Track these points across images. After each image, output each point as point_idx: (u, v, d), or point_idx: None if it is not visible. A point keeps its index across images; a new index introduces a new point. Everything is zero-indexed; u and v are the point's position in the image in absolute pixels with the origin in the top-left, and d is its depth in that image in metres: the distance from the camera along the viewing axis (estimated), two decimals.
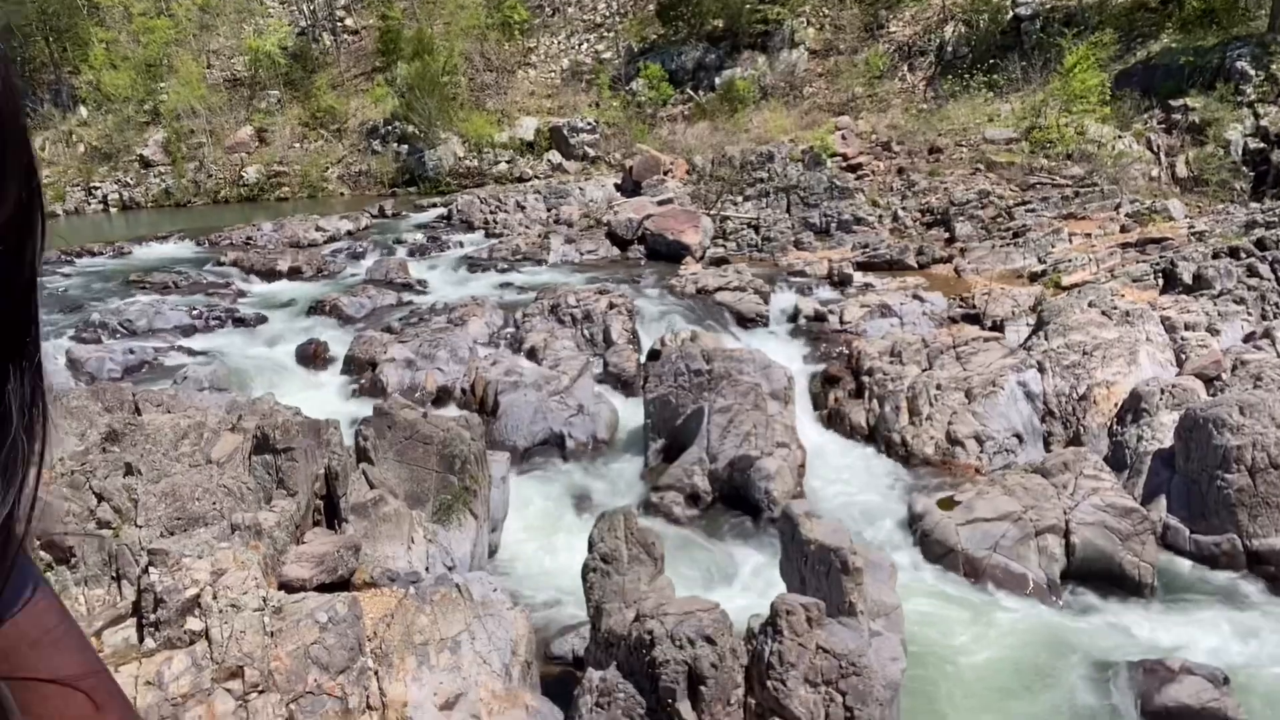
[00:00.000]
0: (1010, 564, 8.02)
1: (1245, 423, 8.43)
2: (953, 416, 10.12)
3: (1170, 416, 9.43)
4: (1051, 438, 10.23)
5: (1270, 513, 8.20)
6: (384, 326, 13.68)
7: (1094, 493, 8.34)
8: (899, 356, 11.00)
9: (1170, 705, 6.48)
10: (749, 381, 9.85)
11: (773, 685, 5.32)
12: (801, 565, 6.81)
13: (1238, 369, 10.43)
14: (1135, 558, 8.02)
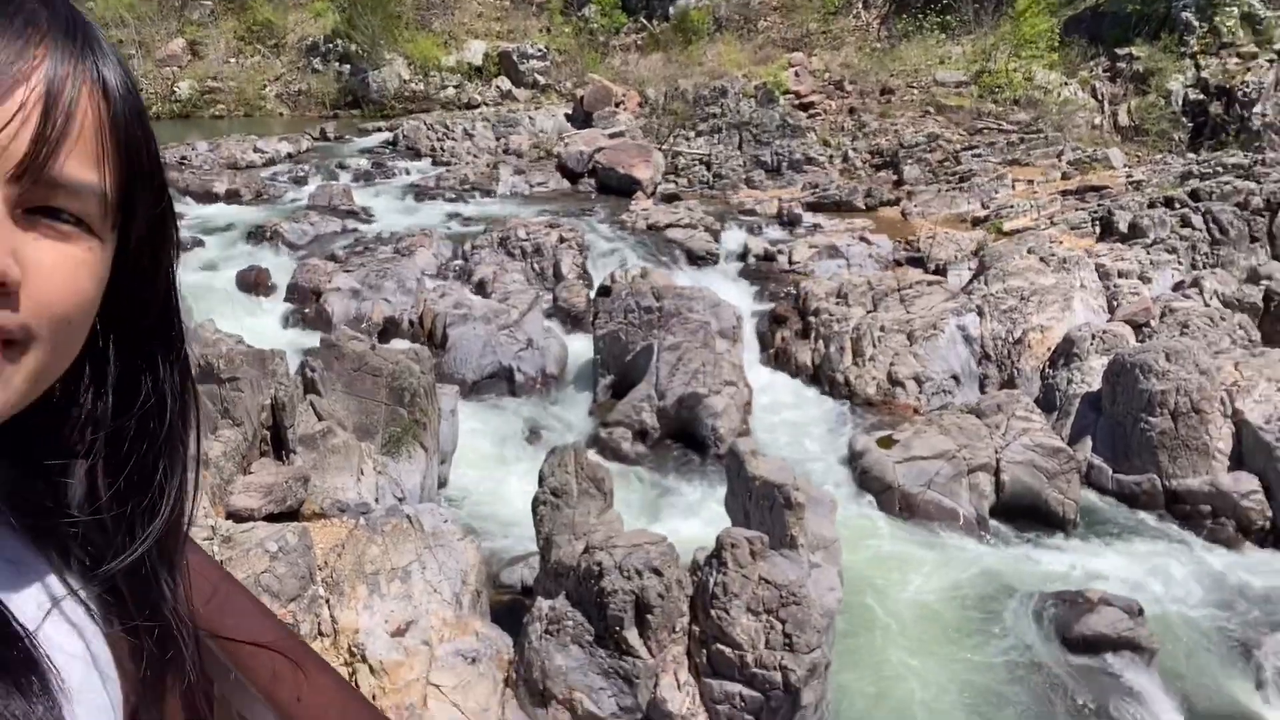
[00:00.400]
0: (943, 500, 8.36)
1: (1170, 369, 8.82)
2: (894, 358, 10.38)
3: (1100, 361, 9.81)
4: (987, 380, 10.58)
5: (1189, 455, 8.65)
6: (328, 255, 13.41)
7: (1024, 433, 8.69)
8: (845, 298, 11.19)
9: (1088, 634, 6.90)
10: (698, 320, 9.95)
11: (716, 614, 5.53)
12: (746, 500, 7.02)
13: (1166, 316, 10.86)
14: (1060, 495, 8.43)
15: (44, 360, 0.54)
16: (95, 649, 0.61)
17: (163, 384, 0.64)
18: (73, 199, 0.54)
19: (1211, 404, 8.72)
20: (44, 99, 0.53)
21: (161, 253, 0.63)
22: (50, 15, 0.55)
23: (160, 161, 0.61)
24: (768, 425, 9.97)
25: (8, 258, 0.51)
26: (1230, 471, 8.57)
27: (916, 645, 7.03)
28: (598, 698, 5.77)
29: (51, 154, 0.52)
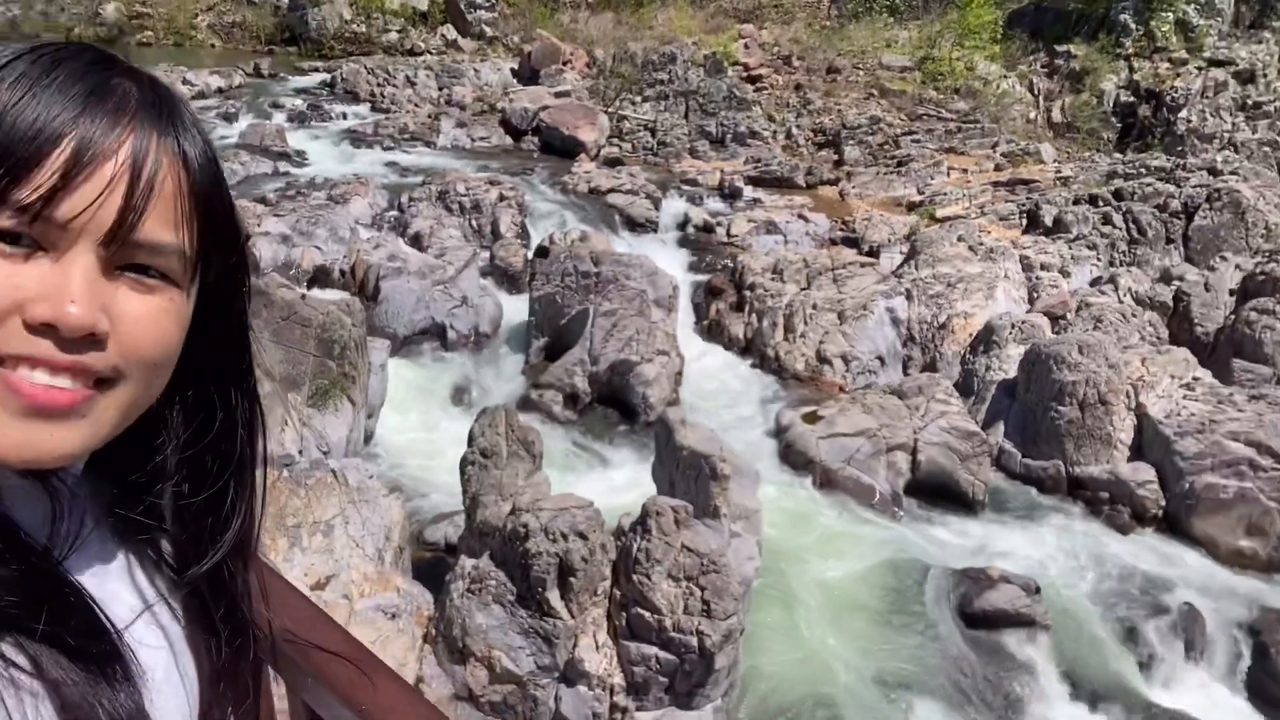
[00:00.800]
0: (861, 476, 8.64)
1: (1082, 361, 9.22)
2: (824, 336, 10.61)
3: (1017, 350, 10.19)
4: (910, 362, 10.89)
5: (1093, 444, 9.09)
6: (258, 197, 13.02)
7: (942, 415, 9.01)
8: (780, 274, 11.36)
9: (987, 609, 7.26)
10: (635, 287, 10.00)
11: (638, 579, 5.66)
12: (673, 469, 7.15)
13: (1082, 310, 11.31)
14: (971, 477, 8.78)
15: (133, 396, 0.62)
16: (178, 649, 0.70)
17: (235, 412, 0.73)
18: (156, 257, 0.61)
19: (1117, 397, 9.16)
20: (130, 171, 0.60)
21: (235, 296, 0.71)
22: (139, 96, 0.63)
23: (236, 218, 0.70)
24: (698, 395, 10.12)
25: (100, 312, 0.58)
26: (1130, 461, 9.04)
27: (826, 614, 7.29)
28: (516, 656, 5.87)
29: (137, 221, 0.60)
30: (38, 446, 0.58)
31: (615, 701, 5.71)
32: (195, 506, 0.73)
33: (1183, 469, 8.78)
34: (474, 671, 5.95)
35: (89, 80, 0.61)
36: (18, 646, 0.56)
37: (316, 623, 0.81)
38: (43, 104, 0.59)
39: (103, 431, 0.62)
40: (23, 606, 0.57)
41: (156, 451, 0.72)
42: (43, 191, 0.57)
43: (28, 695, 0.55)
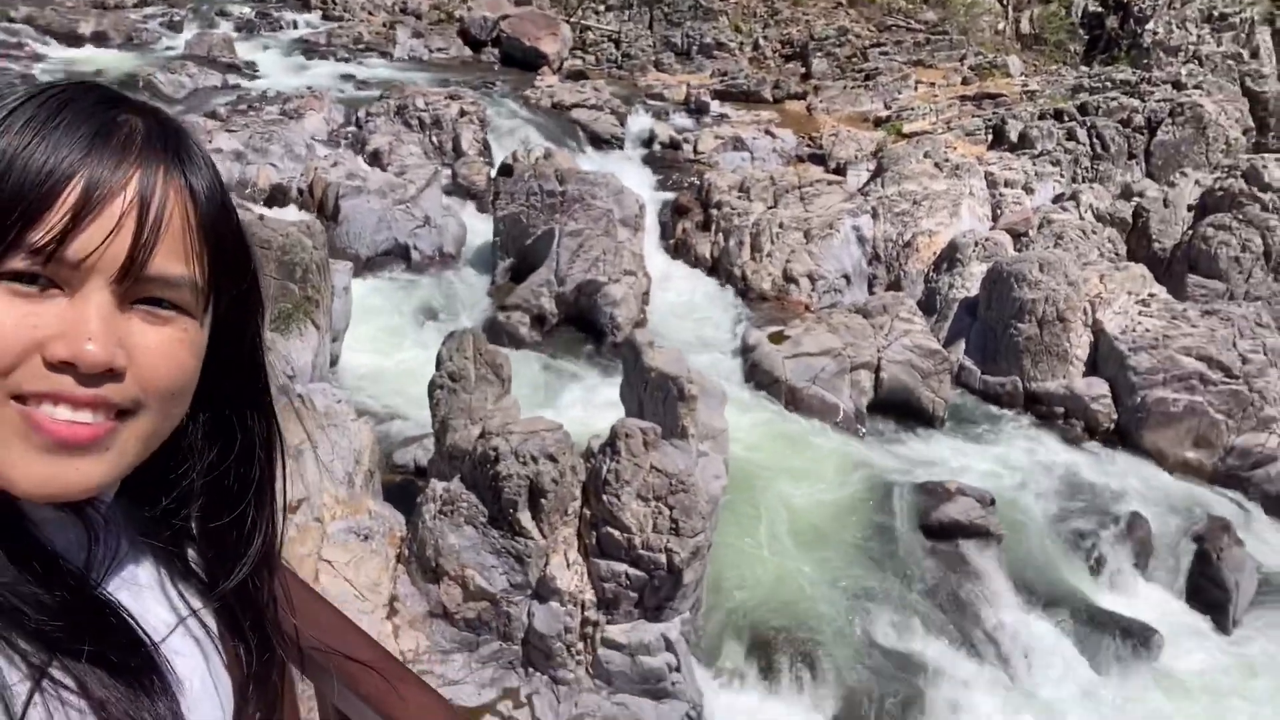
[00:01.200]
0: (826, 395, 8.78)
1: (1042, 279, 9.36)
2: (791, 255, 10.63)
3: (980, 268, 10.30)
4: (875, 280, 10.98)
5: (1050, 360, 9.30)
6: (208, 112, 12.58)
7: (905, 334, 9.14)
8: (747, 192, 11.29)
9: (944, 521, 7.51)
10: (601, 207, 9.89)
11: (608, 500, 5.76)
12: (641, 391, 7.21)
13: (1044, 227, 11.42)
14: (932, 394, 8.97)
15: (153, 426, 0.64)
16: (211, 659, 0.73)
17: (252, 433, 0.75)
18: (168, 289, 0.63)
19: (1075, 314, 9.34)
20: (138, 208, 0.61)
21: (248, 320, 0.72)
22: (145, 133, 0.64)
23: (247, 246, 0.70)
24: (665, 315, 10.15)
25: (117, 347, 0.60)
26: (1085, 377, 9.29)
27: (790, 529, 7.51)
28: (489, 575, 5.99)
29: (148, 257, 0.61)
30: (63, 480, 0.60)
31: (586, 616, 5.88)
32: (221, 526, 0.76)
33: (1135, 383, 9.05)
34: (448, 590, 6.08)
35: (95, 120, 0.62)
36: (64, 668, 0.59)
37: (344, 632, 0.84)
38: (51, 146, 0.60)
39: (126, 461, 0.64)
40: (66, 629, 0.60)
41: (182, 476, 0.74)
42: (55, 233, 0.58)
43: (75, 713, 0.58)
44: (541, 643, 5.88)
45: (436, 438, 6.61)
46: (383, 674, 0.83)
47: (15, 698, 0.56)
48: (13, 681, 0.57)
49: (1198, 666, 7.22)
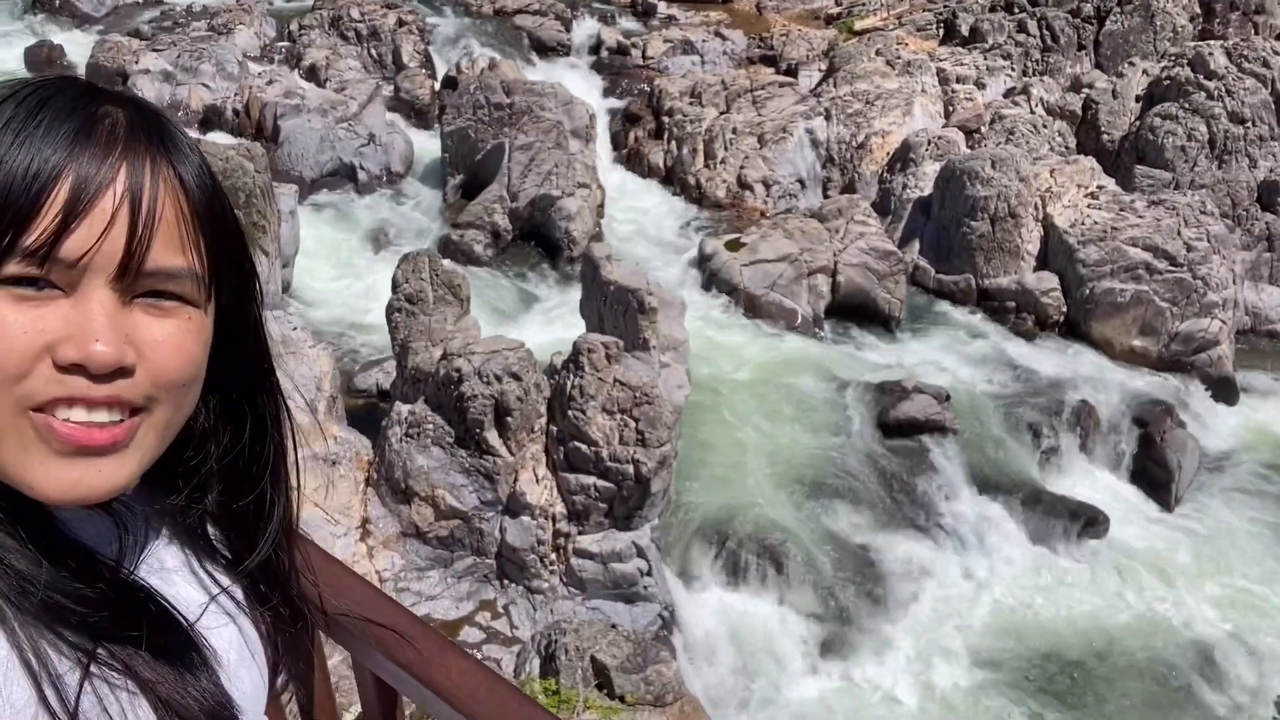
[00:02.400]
0: (784, 301, 8.85)
1: (994, 175, 9.41)
2: (745, 161, 10.53)
3: (933, 167, 10.31)
4: (830, 183, 10.95)
5: (1001, 256, 9.43)
6: (131, 30, 11.95)
7: (861, 237, 9.18)
8: (699, 98, 11.09)
9: (902, 419, 7.72)
10: (551, 118, 9.67)
11: (573, 415, 5.81)
12: (601, 305, 7.21)
13: (995, 123, 11.41)
14: (888, 295, 9.08)
15: (167, 418, 0.64)
16: (246, 632, 0.75)
17: (263, 416, 0.76)
18: (169, 282, 0.62)
19: (1026, 209, 9.44)
20: (129, 202, 0.60)
21: (249, 305, 0.72)
22: (128, 125, 0.63)
23: (241, 232, 0.70)
24: (621, 227, 10.06)
25: (125, 344, 0.60)
26: (1035, 271, 9.44)
27: (753, 433, 7.66)
28: (460, 493, 6.06)
29: (145, 251, 0.60)
30: (88, 485, 0.61)
31: (558, 529, 6.00)
32: (242, 507, 0.77)
33: (1084, 275, 9.23)
34: (419, 510, 6.15)
35: (76, 116, 0.61)
36: (111, 655, 0.61)
37: (373, 599, 0.87)
38: (34, 147, 0.59)
39: (146, 456, 0.64)
40: (108, 618, 0.61)
41: (200, 462, 0.75)
42: (47, 235, 0.58)
43: (125, 694, 0.61)
44: (515, 556, 6.00)
45: (398, 361, 6.57)
46: (418, 641, 0.86)
47: (67, 687, 0.58)
48: (63, 671, 0.58)
49: (1143, 543, 7.61)
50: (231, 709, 0.68)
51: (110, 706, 0.59)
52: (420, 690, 0.85)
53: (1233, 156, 10.75)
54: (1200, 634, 6.60)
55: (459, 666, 0.81)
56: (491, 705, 0.81)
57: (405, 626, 0.86)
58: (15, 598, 0.59)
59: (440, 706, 0.83)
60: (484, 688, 0.81)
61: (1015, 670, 6.38)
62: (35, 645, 0.58)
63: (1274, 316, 9.86)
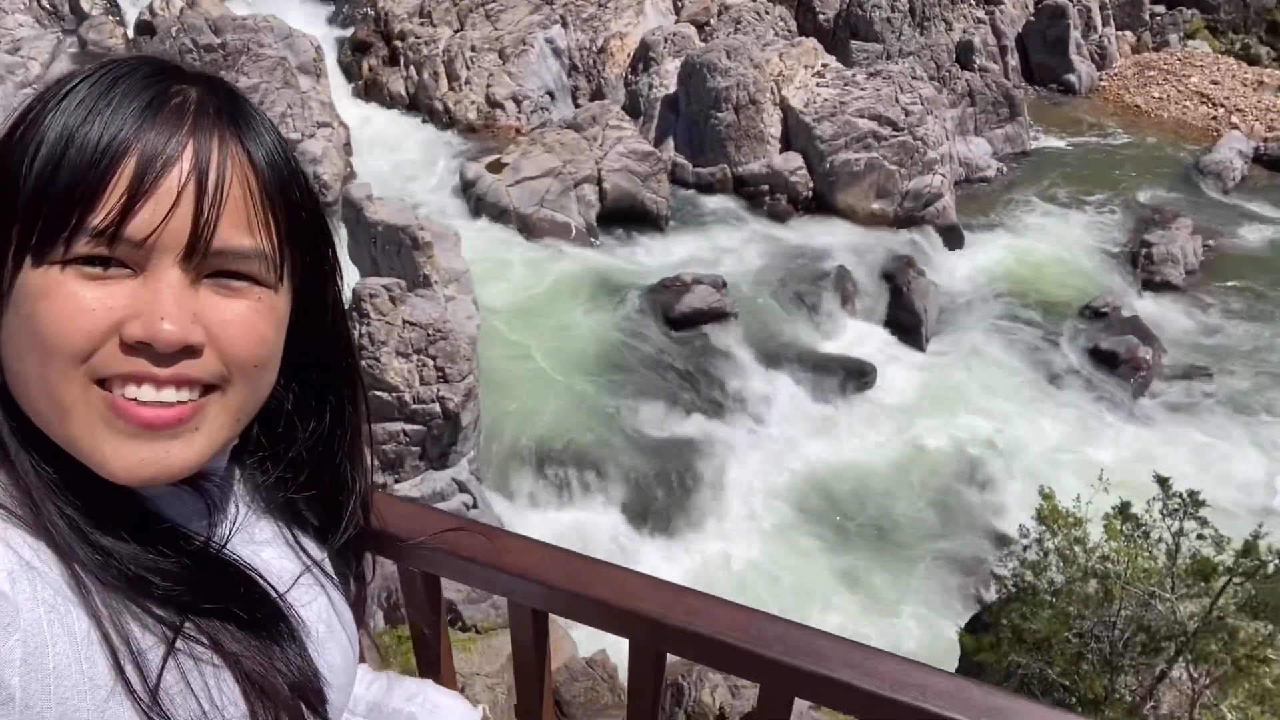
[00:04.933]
0: (556, 215, 8.90)
1: (732, 66, 9.79)
2: (490, 79, 10.30)
3: (674, 64, 10.57)
4: (579, 92, 10.96)
5: (750, 143, 9.92)
6: None
7: (619, 142, 9.33)
8: (429, 16, 10.64)
9: (686, 311, 8.09)
10: (273, 55, 8.96)
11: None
12: (371, 247, 6.94)
13: (723, 14, 11.81)
14: (654, 195, 9.35)
15: (240, 400, 0.63)
16: (337, 604, 0.77)
17: (341, 395, 0.76)
18: (237, 261, 0.60)
19: (764, 95, 9.94)
20: (195, 180, 0.58)
21: (327, 286, 0.71)
22: (198, 102, 0.60)
23: (320, 213, 0.68)
24: (373, 164, 9.61)
25: (192, 324, 0.58)
26: (781, 153, 10.03)
27: (549, 349, 7.77)
28: None
29: (212, 231, 0.59)
30: (157, 464, 0.60)
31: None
32: (324, 484, 0.78)
33: (823, 151, 9.92)
34: None
35: (147, 93, 0.60)
36: (197, 628, 0.61)
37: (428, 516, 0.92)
38: (103, 124, 0.58)
39: (219, 437, 0.63)
40: (193, 592, 0.62)
41: (288, 446, 0.75)
42: (113, 214, 0.57)
43: (210, 670, 0.60)
44: None
45: None
46: (480, 533, 0.90)
47: (149, 663, 0.58)
48: (146, 646, 0.58)
49: (906, 383, 8.53)
50: (318, 681, 0.68)
51: (194, 682, 0.60)
52: (490, 574, 0.89)
53: (931, 22, 11.80)
54: (964, 451, 7.58)
55: (517, 546, 0.87)
56: (562, 574, 0.87)
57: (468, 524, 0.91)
58: (99, 572, 0.58)
59: (514, 583, 0.89)
60: (549, 557, 0.87)
61: (821, 513, 7.06)
62: (117, 620, 0.58)
63: (982, 165, 11.10)
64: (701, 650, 0.77)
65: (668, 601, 0.77)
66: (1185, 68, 13.39)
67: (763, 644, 0.70)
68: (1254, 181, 11.53)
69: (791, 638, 0.69)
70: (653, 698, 0.88)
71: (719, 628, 0.72)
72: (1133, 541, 4.28)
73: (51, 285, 0.57)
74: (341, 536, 0.79)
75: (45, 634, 0.55)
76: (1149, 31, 14.31)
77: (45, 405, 0.59)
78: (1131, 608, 4.05)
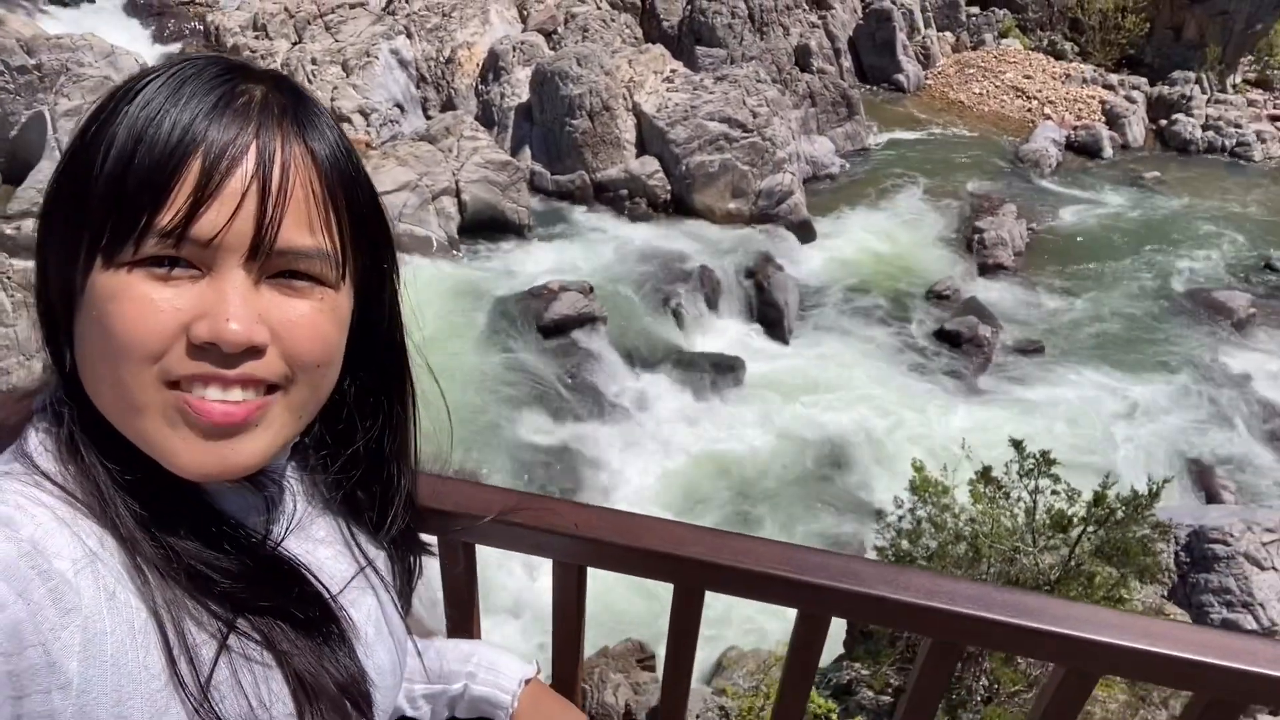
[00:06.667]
0: (415, 229, 8.72)
1: (583, 73, 9.88)
2: (334, 92, 9.99)
3: (524, 72, 10.56)
4: (429, 103, 10.79)
5: (606, 149, 10.02)
6: None
7: (475, 152, 9.24)
8: (265, 29, 10.22)
9: (556, 318, 8.10)
10: (95, 75, 8.39)
11: None
12: None
13: (569, 22, 11.89)
14: (514, 204, 9.31)
15: (302, 398, 0.65)
16: (386, 606, 0.79)
17: (394, 407, 0.79)
18: (300, 261, 0.62)
19: (617, 101, 10.07)
20: (259, 180, 0.60)
21: (385, 285, 0.73)
22: (261, 101, 0.62)
23: (382, 213, 0.71)
24: None
25: (257, 324, 0.60)
26: (638, 158, 10.19)
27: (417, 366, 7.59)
28: None
29: (276, 231, 0.60)
30: (225, 461, 0.62)
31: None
32: (374, 485, 0.81)
33: (678, 154, 10.14)
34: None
35: (214, 93, 0.61)
36: (250, 624, 0.63)
37: (473, 491, 0.97)
38: (171, 124, 0.59)
39: (282, 435, 0.64)
40: (249, 589, 0.64)
41: (347, 444, 0.77)
42: (181, 215, 0.58)
43: (259, 668, 0.62)
44: None
45: None
46: (526, 505, 0.95)
47: (202, 659, 0.59)
48: (200, 641, 0.60)
49: (771, 376, 8.82)
50: (365, 683, 0.70)
51: (244, 679, 0.61)
52: (539, 537, 0.94)
53: (770, 28, 12.26)
54: (834, 434, 7.91)
55: (558, 509, 0.91)
56: (610, 530, 0.92)
57: (511, 492, 0.98)
58: (160, 564, 0.60)
59: (563, 543, 0.94)
60: (595, 516, 0.93)
61: (704, 506, 7.22)
62: (174, 613, 0.59)
63: (827, 162, 11.63)
64: (747, 584, 0.84)
65: (715, 545, 0.85)
66: (1001, 64, 14.47)
67: (807, 571, 0.78)
68: (1067, 167, 12.59)
69: (832, 565, 0.78)
70: (693, 636, 0.97)
71: (765, 563, 0.78)
72: (995, 503, 4.60)
73: (121, 287, 0.58)
74: (388, 532, 0.81)
75: (105, 622, 0.56)
76: (966, 31, 15.37)
77: (118, 403, 0.61)
78: (999, 564, 4.36)
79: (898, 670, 4.61)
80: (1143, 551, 4.22)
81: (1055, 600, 0.82)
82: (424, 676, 0.95)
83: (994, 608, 0.77)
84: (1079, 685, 0.87)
